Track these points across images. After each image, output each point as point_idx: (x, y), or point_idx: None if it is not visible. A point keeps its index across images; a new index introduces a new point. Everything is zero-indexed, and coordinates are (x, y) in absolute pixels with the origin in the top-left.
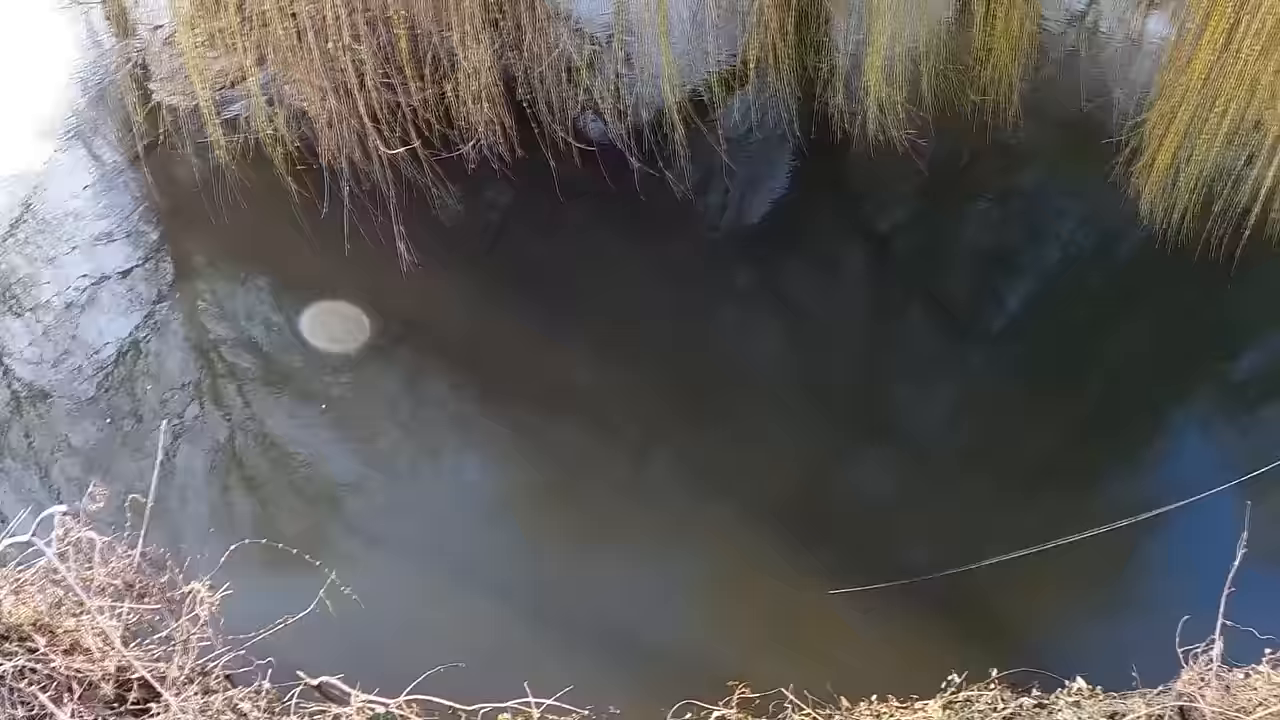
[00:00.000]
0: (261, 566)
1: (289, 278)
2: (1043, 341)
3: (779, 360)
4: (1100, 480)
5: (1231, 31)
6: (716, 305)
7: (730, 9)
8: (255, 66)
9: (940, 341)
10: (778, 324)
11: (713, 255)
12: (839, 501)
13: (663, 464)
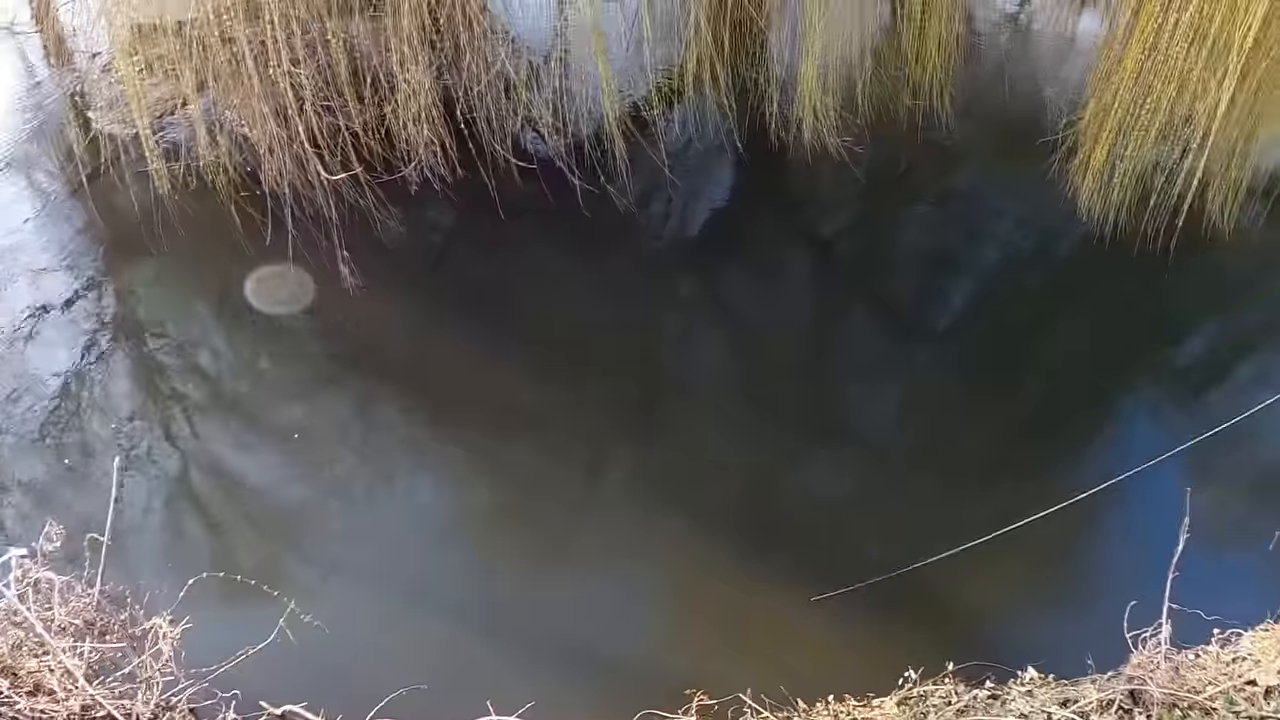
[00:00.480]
0: (221, 599)
1: (234, 306)
2: (986, 338)
3: (726, 369)
4: (1047, 473)
5: (1160, 29)
6: (662, 317)
7: (666, 25)
8: (195, 93)
9: (884, 342)
10: (723, 333)
11: (656, 268)
12: (791, 506)
13: (615, 478)
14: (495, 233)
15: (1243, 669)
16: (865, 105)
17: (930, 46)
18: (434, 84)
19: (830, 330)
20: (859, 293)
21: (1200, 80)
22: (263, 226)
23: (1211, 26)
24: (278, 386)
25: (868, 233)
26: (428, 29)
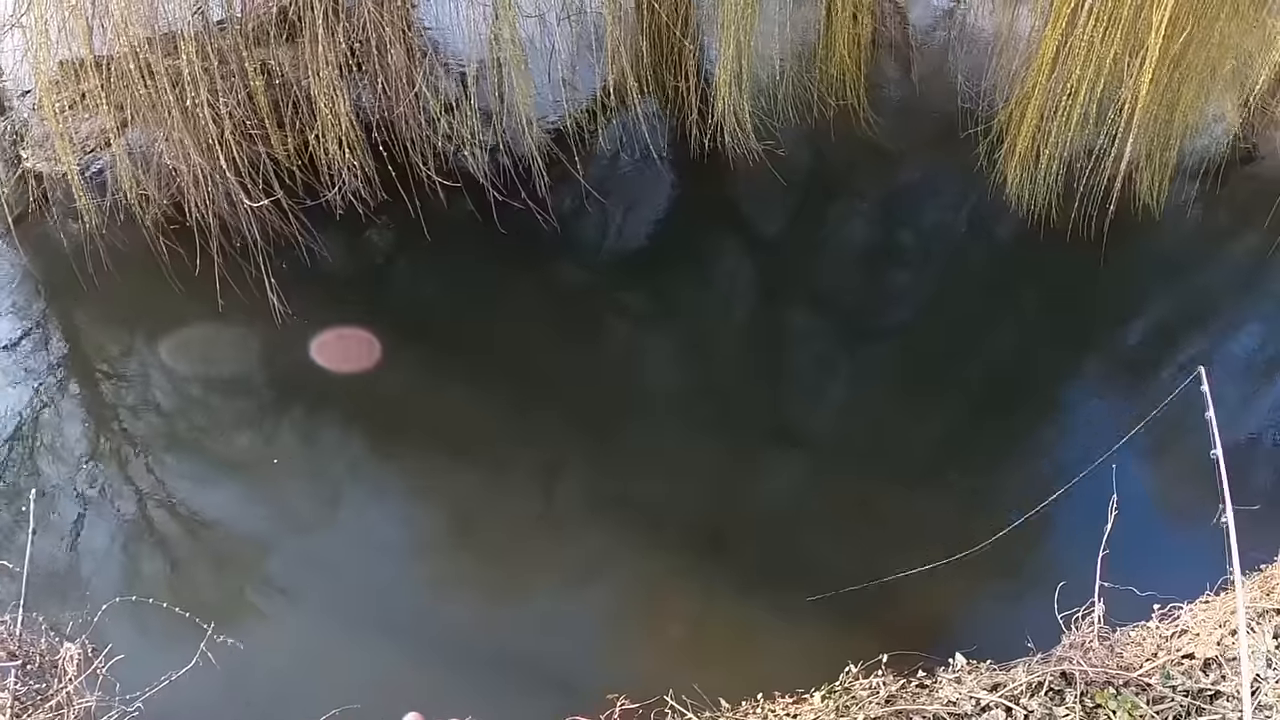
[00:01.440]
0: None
1: (167, 340)
2: (926, 333)
3: (670, 377)
4: (999, 465)
5: (1075, 14)
6: (598, 329)
7: (587, 39)
8: (120, 128)
9: (822, 341)
10: (664, 341)
11: (587, 281)
12: (745, 511)
13: (566, 493)
14: (423, 254)
15: (1181, 643)
16: (787, 108)
17: (849, 46)
18: (354, 107)
19: (768, 333)
20: (790, 293)
21: (1119, 62)
22: (191, 259)
23: (1126, 7)
24: (211, 416)
25: (795, 235)
26: (345, 54)
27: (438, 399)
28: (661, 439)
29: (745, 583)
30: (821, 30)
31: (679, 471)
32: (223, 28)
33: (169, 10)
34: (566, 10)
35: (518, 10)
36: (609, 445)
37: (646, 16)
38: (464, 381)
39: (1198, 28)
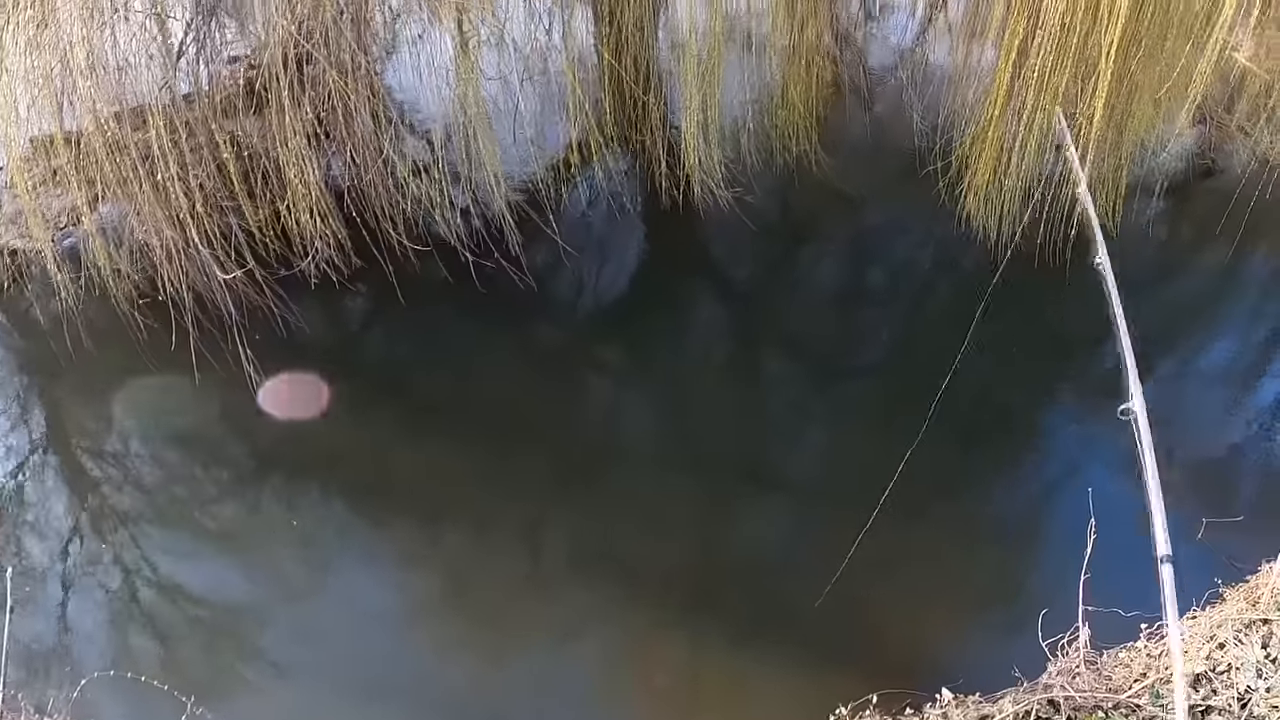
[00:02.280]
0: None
1: (144, 414)
2: (901, 369)
3: (651, 428)
4: (979, 495)
5: (1025, 44)
6: (579, 386)
7: (549, 98)
8: (92, 204)
9: (802, 385)
10: (643, 393)
11: (565, 337)
12: (730, 558)
13: (553, 551)
14: (399, 319)
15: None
16: (752, 156)
17: (809, 92)
18: (323, 176)
19: (745, 378)
20: (764, 337)
21: (1068, 92)
22: (166, 333)
23: (1075, 35)
24: (190, 488)
25: (765, 279)
26: (313, 124)
27: (420, 461)
28: (643, 490)
29: (732, 629)
30: (782, 78)
31: (661, 522)
32: (190, 101)
33: (136, 85)
34: (529, 71)
35: (480, 73)
36: (592, 499)
37: (609, 73)
38: (445, 442)
39: (1147, 49)
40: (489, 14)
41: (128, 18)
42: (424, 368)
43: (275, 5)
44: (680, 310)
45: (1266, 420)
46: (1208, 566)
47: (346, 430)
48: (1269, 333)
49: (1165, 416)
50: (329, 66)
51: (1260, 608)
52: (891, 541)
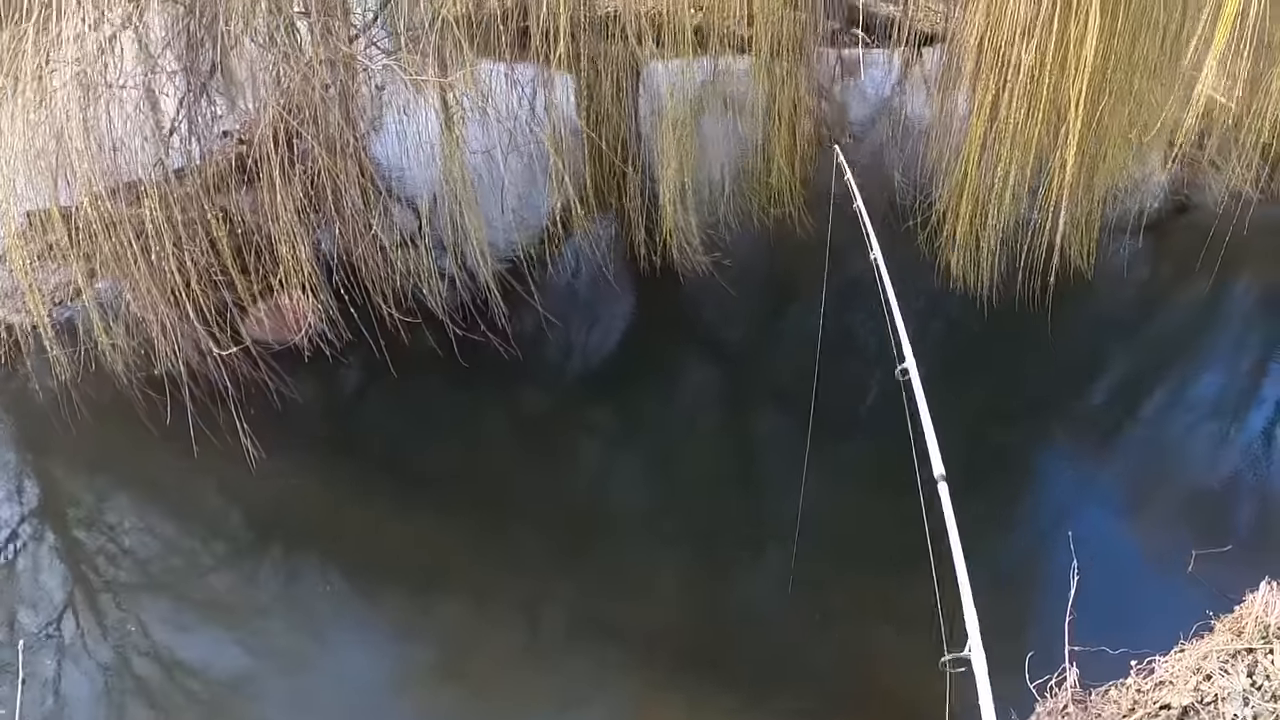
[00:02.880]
0: None
1: (142, 488)
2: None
3: (644, 491)
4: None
5: (998, 97)
6: (571, 451)
7: (531, 169)
8: (87, 279)
9: (790, 444)
10: (633, 456)
11: (553, 404)
12: (723, 620)
13: (551, 618)
14: (391, 391)
15: (1159, 694)
16: (730, 219)
17: (788, 151)
18: (315, 251)
19: (732, 439)
20: (749, 398)
21: (1040, 142)
22: (163, 407)
23: (1045, 87)
24: (192, 562)
25: (749, 340)
26: (303, 199)
27: (414, 532)
28: (636, 555)
29: (729, 691)
30: (760, 138)
31: (656, 586)
32: (183, 176)
33: (130, 161)
34: (513, 143)
35: (464, 147)
36: (586, 565)
37: (588, 144)
38: (439, 512)
39: (1115, 93)
40: (472, 88)
41: (121, 95)
42: (416, 439)
43: (264, 83)
44: (664, 374)
45: (1253, 451)
46: (1199, 599)
47: (341, 502)
48: (1251, 364)
49: (1154, 451)
50: (317, 143)
51: (1245, 637)
52: (885, 592)
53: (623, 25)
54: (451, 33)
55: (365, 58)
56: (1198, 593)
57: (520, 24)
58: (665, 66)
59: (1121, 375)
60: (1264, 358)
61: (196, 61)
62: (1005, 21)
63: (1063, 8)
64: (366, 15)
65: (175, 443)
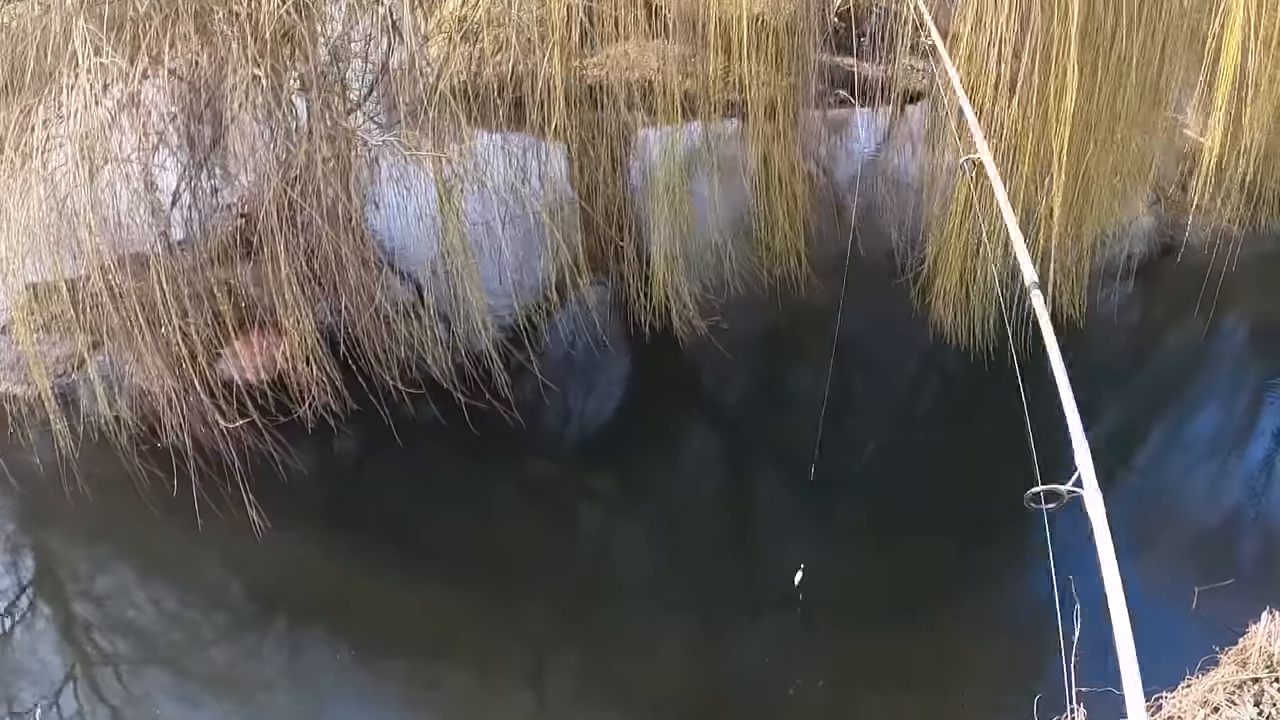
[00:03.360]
0: None
1: (149, 560)
2: (889, 481)
3: (650, 555)
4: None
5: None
6: (571, 520)
7: (529, 238)
8: (91, 351)
9: (790, 505)
10: (639, 521)
11: (556, 472)
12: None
13: (558, 685)
14: (396, 462)
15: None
16: (728, 282)
17: (781, 213)
18: (318, 323)
19: (734, 501)
20: (749, 459)
21: (1029, 194)
22: (168, 480)
23: (1029, 139)
24: (195, 635)
25: (747, 401)
26: (305, 272)
27: (419, 602)
28: (641, 621)
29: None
30: (753, 201)
31: (662, 652)
32: (185, 249)
33: (133, 233)
34: (509, 213)
35: (462, 218)
36: (591, 632)
37: (584, 212)
38: (444, 582)
39: (1099, 142)
40: (468, 161)
41: (125, 169)
42: (421, 509)
43: (264, 157)
44: (665, 437)
45: (1251, 486)
46: (1204, 635)
47: (347, 574)
48: (1245, 400)
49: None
50: (318, 216)
51: (1250, 667)
52: (885, 650)
53: (613, 94)
54: (448, 106)
55: (363, 132)
56: (1202, 629)
57: (514, 95)
58: (656, 133)
59: (1117, 419)
60: (1257, 393)
61: (198, 136)
62: (987, 78)
63: (1042, 63)
64: (363, 90)
65: (179, 515)
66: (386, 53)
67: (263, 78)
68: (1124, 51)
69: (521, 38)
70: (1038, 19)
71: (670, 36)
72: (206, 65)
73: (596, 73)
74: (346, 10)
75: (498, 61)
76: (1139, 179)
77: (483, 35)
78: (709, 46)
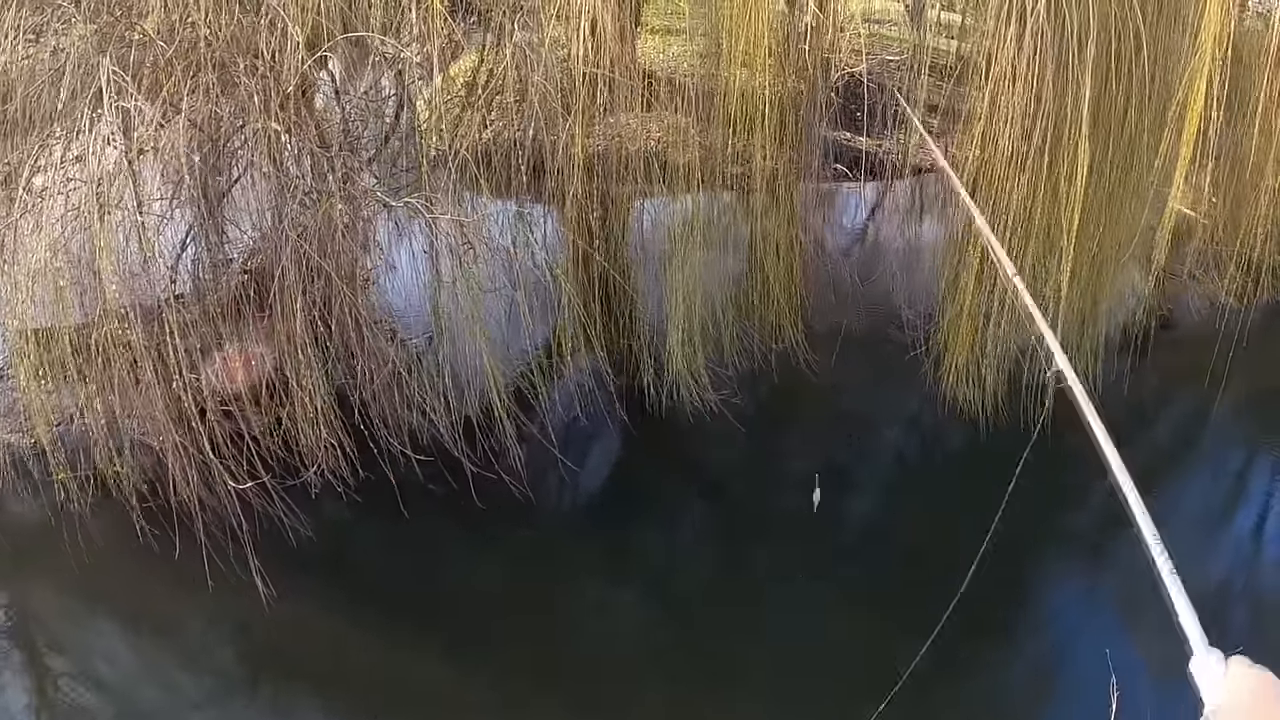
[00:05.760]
0: None
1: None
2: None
3: (649, 627)
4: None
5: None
6: (579, 588)
7: (542, 304)
8: (96, 401)
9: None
10: (639, 598)
11: (561, 545)
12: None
13: None
14: (401, 529)
15: None
16: (734, 357)
17: (780, 289)
18: (328, 385)
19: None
20: (754, 534)
21: (1039, 267)
22: (172, 538)
23: (1036, 217)
24: (198, 698)
25: (752, 476)
26: (319, 332)
27: (423, 673)
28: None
29: None
30: (754, 277)
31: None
32: (193, 302)
33: (144, 283)
34: (520, 281)
35: (477, 286)
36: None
37: (594, 284)
38: (446, 653)
39: (1108, 216)
40: (480, 226)
41: (136, 215)
42: (425, 578)
43: (274, 212)
44: (673, 511)
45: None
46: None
47: (348, 645)
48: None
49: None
50: (334, 274)
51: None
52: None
53: (621, 164)
54: (462, 170)
55: (377, 193)
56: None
57: (528, 162)
58: (657, 204)
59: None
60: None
61: (212, 187)
62: (998, 154)
63: (1053, 141)
64: (377, 149)
65: (183, 576)
66: (401, 113)
67: (281, 132)
68: (1135, 130)
69: (544, 103)
70: (1050, 98)
71: (675, 108)
72: (225, 116)
73: (603, 143)
74: (365, 69)
75: (514, 127)
76: (1140, 254)
77: (501, 99)
78: (711, 120)
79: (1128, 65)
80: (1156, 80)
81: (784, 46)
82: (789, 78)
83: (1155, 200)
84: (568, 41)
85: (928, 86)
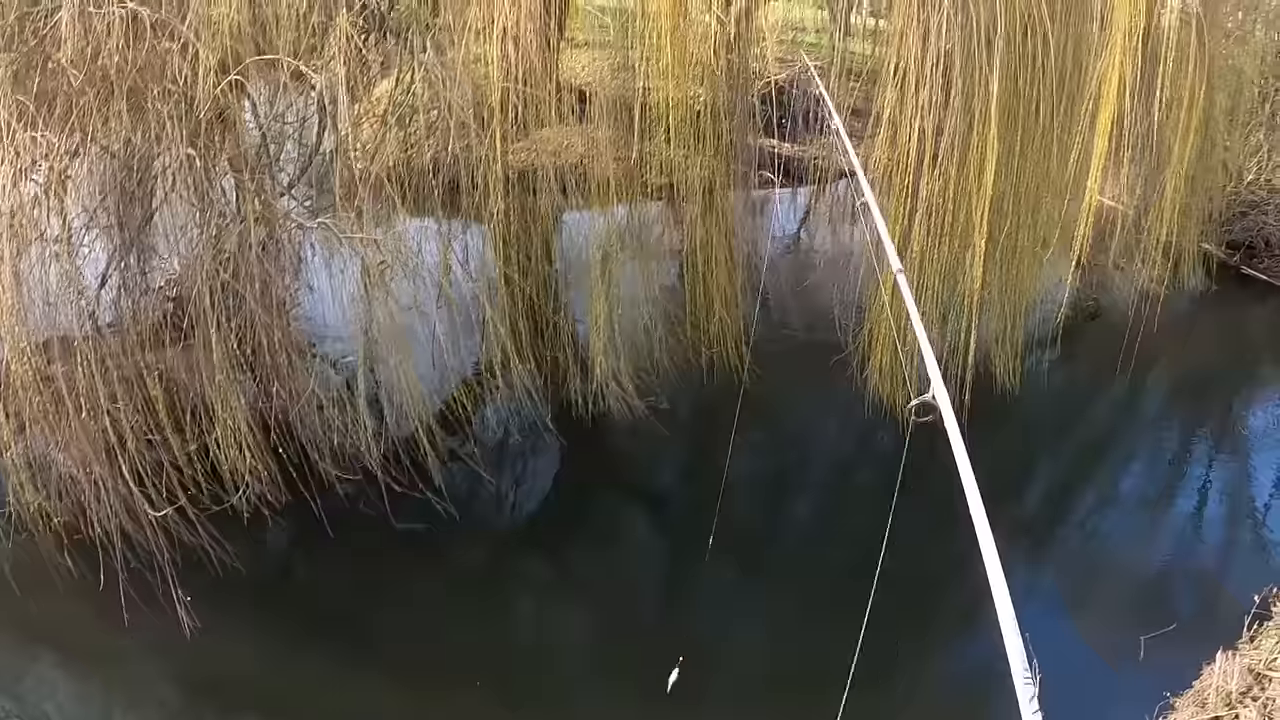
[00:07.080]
0: None
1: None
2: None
3: (583, 643)
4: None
5: (909, 227)
6: (511, 607)
7: (466, 324)
8: (16, 436)
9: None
10: (575, 608)
11: (490, 559)
12: None
13: None
14: (328, 553)
15: None
16: (664, 364)
17: (713, 295)
18: (251, 410)
19: (672, 582)
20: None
21: (956, 262)
22: (93, 573)
23: (948, 214)
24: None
25: (685, 481)
26: (238, 357)
27: (354, 694)
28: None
29: None
30: (687, 284)
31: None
32: (114, 331)
33: (60, 315)
34: (443, 299)
35: (395, 304)
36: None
37: (519, 298)
38: (378, 673)
39: (1022, 213)
40: (400, 245)
41: (54, 249)
42: (355, 599)
43: (195, 236)
44: (601, 520)
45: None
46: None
47: (280, 669)
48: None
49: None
50: (251, 299)
51: (1209, 707)
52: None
53: (544, 179)
54: (381, 189)
55: (295, 216)
56: (1152, 677)
57: (447, 180)
58: (585, 216)
59: (1049, 481)
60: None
61: (128, 216)
62: (909, 155)
63: (962, 139)
64: (295, 172)
65: (105, 608)
66: (319, 135)
67: (196, 158)
68: (1046, 125)
69: (457, 122)
70: (958, 97)
71: (597, 121)
72: (139, 143)
73: (525, 157)
74: (279, 92)
75: (432, 145)
76: (1060, 246)
77: (417, 119)
78: (634, 130)
79: (1039, 63)
80: (1068, 77)
81: (713, 57)
82: (717, 89)
83: (1075, 193)
84: (487, 59)
85: (848, 91)
